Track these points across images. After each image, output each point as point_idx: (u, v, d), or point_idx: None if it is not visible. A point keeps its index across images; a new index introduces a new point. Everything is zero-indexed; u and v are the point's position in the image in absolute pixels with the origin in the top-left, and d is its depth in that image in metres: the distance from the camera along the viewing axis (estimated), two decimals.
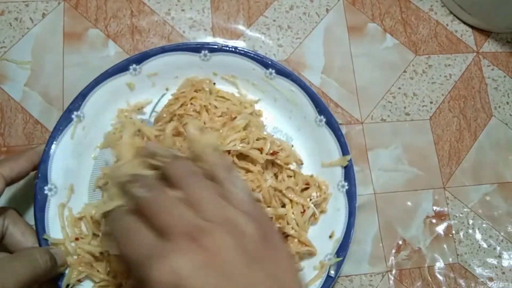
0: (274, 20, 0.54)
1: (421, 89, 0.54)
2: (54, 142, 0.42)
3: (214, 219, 0.24)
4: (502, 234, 0.51)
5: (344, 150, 0.45)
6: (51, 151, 0.41)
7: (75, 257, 0.40)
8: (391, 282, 0.47)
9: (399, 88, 0.54)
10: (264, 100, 0.49)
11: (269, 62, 0.47)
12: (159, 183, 0.27)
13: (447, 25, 0.57)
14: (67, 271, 0.39)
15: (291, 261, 0.29)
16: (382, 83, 0.54)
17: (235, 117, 0.45)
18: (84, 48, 0.50)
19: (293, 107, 0.48)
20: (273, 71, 0.47)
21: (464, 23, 0.57)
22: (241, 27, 0.52)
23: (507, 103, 0.55)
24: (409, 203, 0.50)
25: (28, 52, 0.49)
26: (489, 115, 0.54)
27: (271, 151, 0.43)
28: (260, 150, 0.43)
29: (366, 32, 0.55)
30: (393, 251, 0.48)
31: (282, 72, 0.47)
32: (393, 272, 0.48)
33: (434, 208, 0.50)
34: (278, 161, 0.44)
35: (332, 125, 0.46)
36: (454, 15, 0.57)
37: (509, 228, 0.51)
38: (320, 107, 0.46)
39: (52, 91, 0.48)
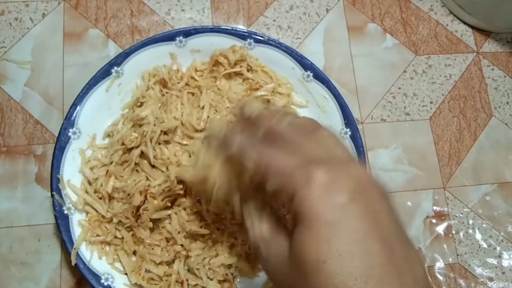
0: (274, 20, 0.54)
1: (421, 89, 0.54)
2: (89, 90, 0.43)
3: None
4: (502, 234, 0.50)
5: None
6: (85, 97, 0.43)
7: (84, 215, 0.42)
8: None
9: (399, 88, 0.54)
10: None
11: (309, 64, 0.47)
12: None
13: (447, 25, 0.57)
14: (79, 233, 0.40)
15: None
16: (382, 83, 0.54)
17: (258, 88, 0.46)
18: (84, 48, 0.50)
19: (322, 114, 0.47)
20: (311, 74, 0.47)
21: (464, 23, 0.57)
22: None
23: (507, 103, 0.55)
24: (409, 203, 0.50)
25: (28, 52, 0.49)
26: (489, 115, 0.54)
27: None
28: None
29: (366, 32, 0.55)
30: None
31: (319, 77, 0.47)
32: None
33: (434, 208, 0.50)
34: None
35: (356, 140, 0.46)
36: (454, 15, 0.57)
37: (509, 228, 0.51)
38: (348, 120, 0.46)
39: (52, 91, 0.48)
